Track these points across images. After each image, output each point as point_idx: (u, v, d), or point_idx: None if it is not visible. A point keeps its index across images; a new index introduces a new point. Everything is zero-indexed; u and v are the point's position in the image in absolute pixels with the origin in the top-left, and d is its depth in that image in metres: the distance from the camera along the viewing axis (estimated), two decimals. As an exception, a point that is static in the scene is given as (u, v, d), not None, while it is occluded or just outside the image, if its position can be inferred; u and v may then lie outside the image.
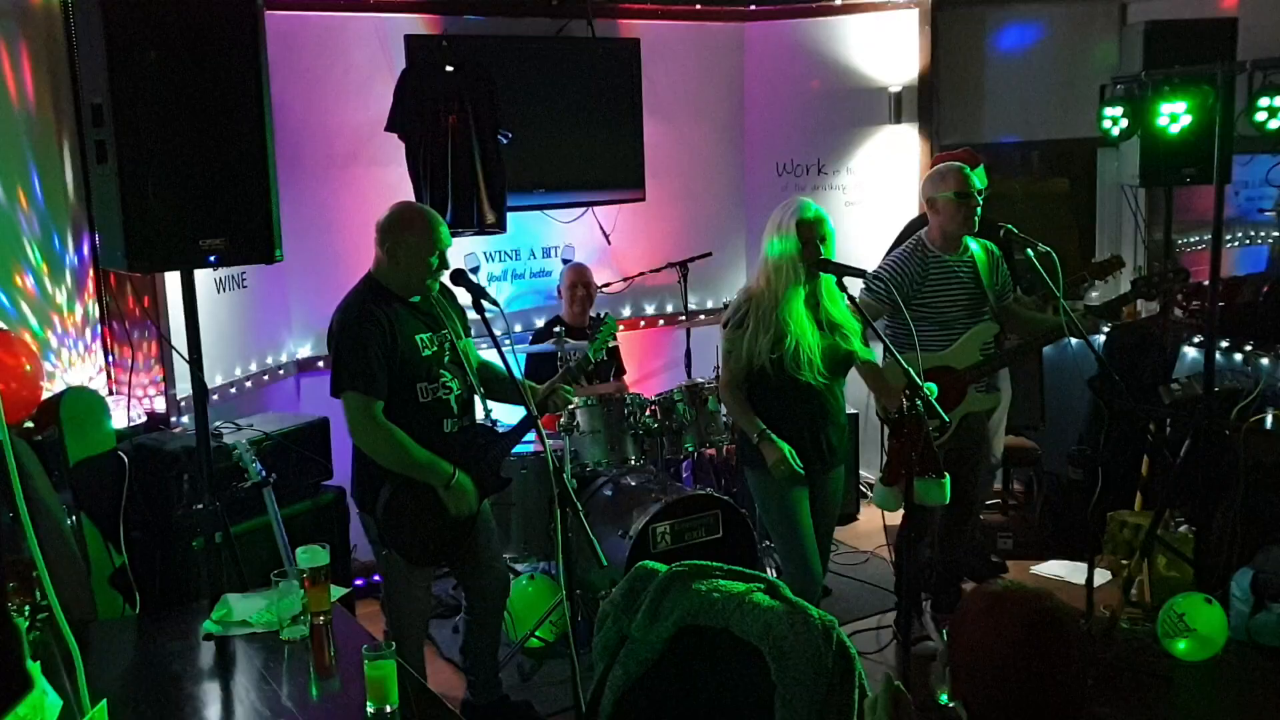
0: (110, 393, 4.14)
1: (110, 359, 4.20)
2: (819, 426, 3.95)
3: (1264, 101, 4.31)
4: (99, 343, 4.17)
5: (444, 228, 3.67)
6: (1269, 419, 4.65)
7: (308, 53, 5.26)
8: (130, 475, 3.78)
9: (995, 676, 1.85)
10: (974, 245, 4.51)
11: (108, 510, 3.73)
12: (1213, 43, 4.92)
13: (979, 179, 4.64)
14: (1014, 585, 1.98)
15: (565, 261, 5.95)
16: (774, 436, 3.88)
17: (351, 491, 3.85)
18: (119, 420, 4.06)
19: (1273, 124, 4.32)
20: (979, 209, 4.42)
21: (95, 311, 4.15)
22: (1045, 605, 1.86)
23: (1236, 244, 6.71)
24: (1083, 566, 4.74)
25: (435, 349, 3.68)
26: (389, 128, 5.25)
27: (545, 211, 5.94)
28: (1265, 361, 5.17)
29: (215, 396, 4.53)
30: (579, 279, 5.56)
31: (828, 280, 3.87)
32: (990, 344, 4.48)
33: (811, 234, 3.77)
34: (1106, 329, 5.78)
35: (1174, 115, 4.78)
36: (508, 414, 4.54)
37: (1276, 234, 6.56)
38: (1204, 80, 4.66)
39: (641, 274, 6.09)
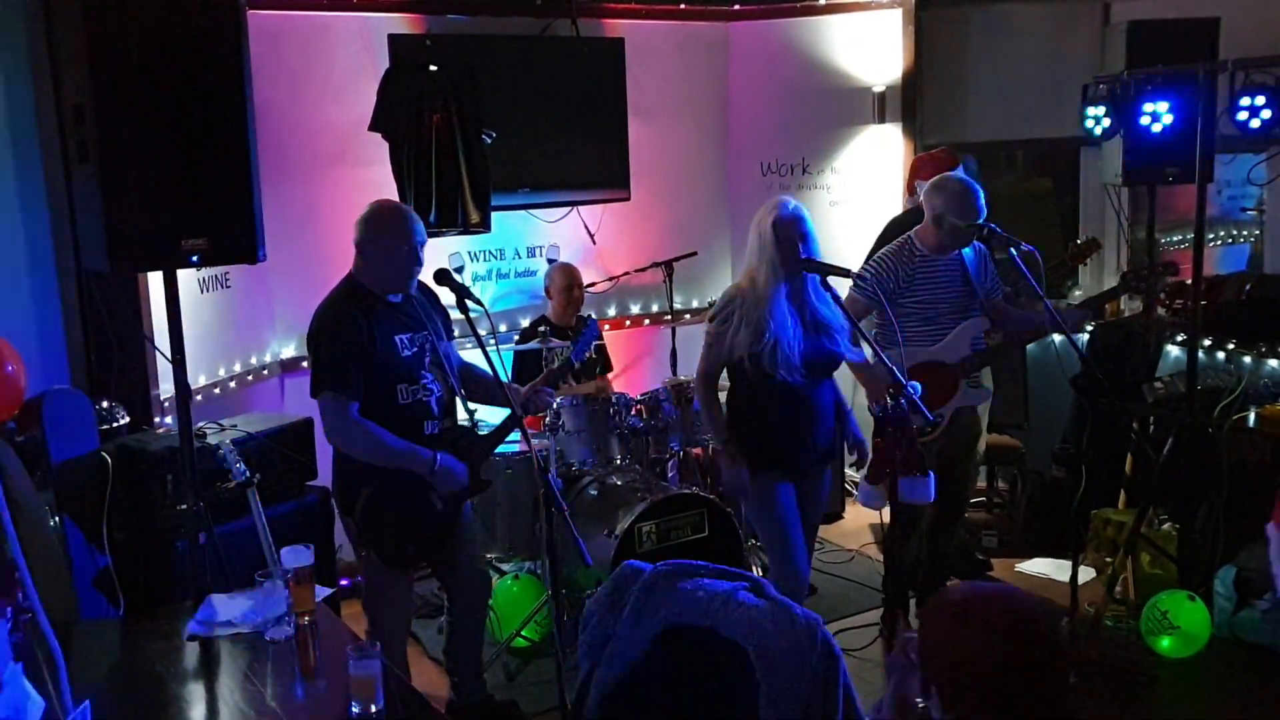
0: (93, 393, 4.12)
1: (92, 359, 4.18)
2: (801, 425, 3.93)
3: (1245, 101, 4.32)
4: (82, 343, 4.15)
5: (416, 221, 3.66)
6: (1251, 417, 4.67)
7: (291, 52, 5.24)
8: (113, 476, 3.76)
9: (982, 689, 1.79)
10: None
11: (91, 511, 3.71)
12: (1195, 42, 4.94)
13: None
14: (977, 589, 1.89)
15: (550, 261, 5.94)
16: (735, 450, 3.93)
17: (333, 493, 3.85)
18: (102, 421, 4.04)
19: (1254, 123, 4.34)
20: None
21: (78, 312, 4.13)
22: (1017, 607, 1.81)
23: (1219, 243, 6.74)
24: (1067, 564, 4.76)
25: (416, 350, 3.67)
26: (373, 127, 5.24)
27: (530, 211, 5.93)
28: (1247, 360, 5.19)
29: (199, 397, 4.52)
30: (573, 280, 5.55)
31: (814, 280, 3.86)
32: (980, 338, 4.50)
33: (789, 233, 3.76)
34: (1090, 327, 5.80)
35: (1156, 114, 4.80)
36: (492, 416, 4.54)
37: (1258, 233, 6.60)
38: (1186, 79, 4.68)
39: (626, 273, 6.09)
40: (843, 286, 3.93)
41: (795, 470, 3.97)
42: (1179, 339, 5.55)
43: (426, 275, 3.71)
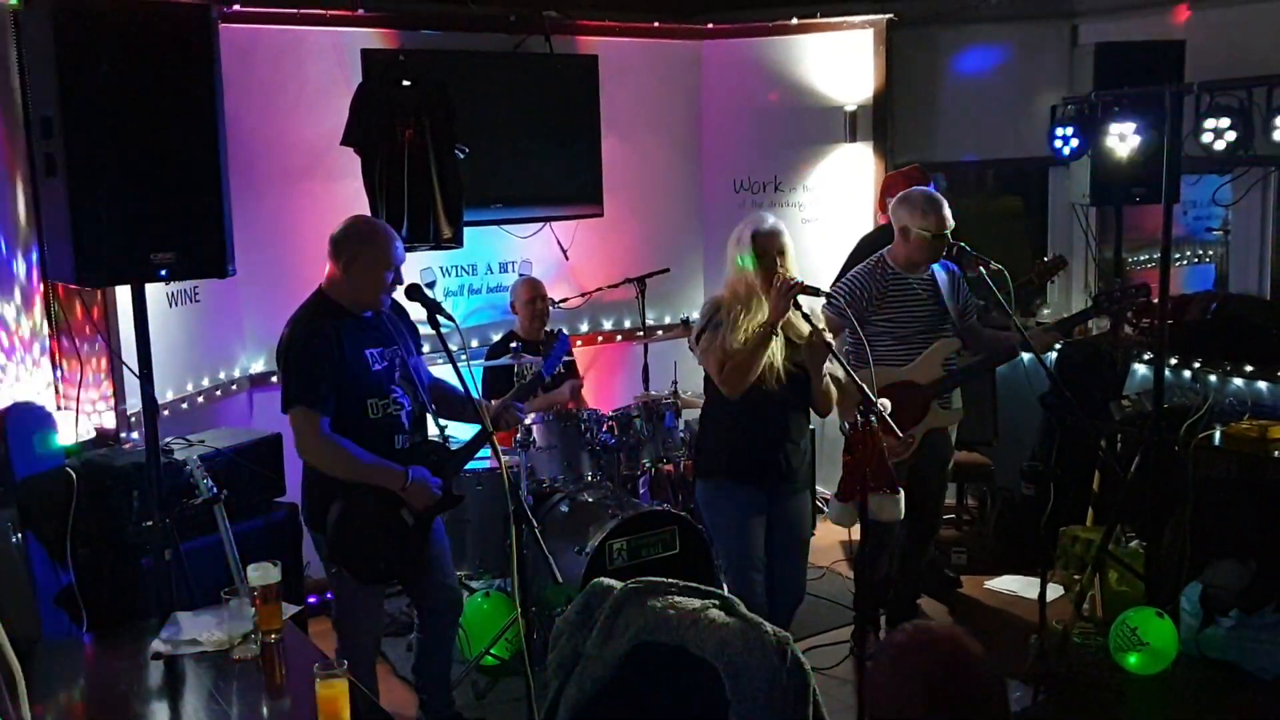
0: (58, 408, 4.08)
1: (59, 373, 4.13)
2: (778, 442, 3.93)
3: (1210, 123, 4.38)
4: (47, 357, 4.10)
5: (399, 241, 3.66)
6: (1217, 435, 4.71)
7: (264, 66, 5.22)
8: (78, 492, 3.72)
9: None
10: (936, 266, 4.53)
11: (54, 528, 3.67)
12: (1161, 64, 5.00)
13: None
14: (919, 632, 1.92)
15: (521, 277, 5.93)
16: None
17: (302, 509, 3.82)
18: (67, 436, 4.00)
19: (1219, 145, 4.39)
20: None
21: (43, 325, 4.09)
22: (946, 653, 1.84)
23: (1185, 262, 6.82)
24: (1036, 581, 4.77)
25: (386, 364, 3.66)
26: (345, 142, 5.22)
27: (502, 227, 5.93)
28: (1213, 378, 5.24)
29: (166, 412, 4.47)
30: (537, 293, 5.56)
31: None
32: (952, 359, 4.51)
33: (768, 246, 3.78)
34: (1058, 346, 5.85)
35: (1123, 135, 4.85)
36: (463, 431, 4.52)
37: (1224, 253, 6.67)
38: (1153, 101, 4.73)
39: (599, 289, 6.09)
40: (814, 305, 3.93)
41: (767, 484, 3.95)
42: (1146, 357, 5.60)
43: (397, 291, 3.70)
